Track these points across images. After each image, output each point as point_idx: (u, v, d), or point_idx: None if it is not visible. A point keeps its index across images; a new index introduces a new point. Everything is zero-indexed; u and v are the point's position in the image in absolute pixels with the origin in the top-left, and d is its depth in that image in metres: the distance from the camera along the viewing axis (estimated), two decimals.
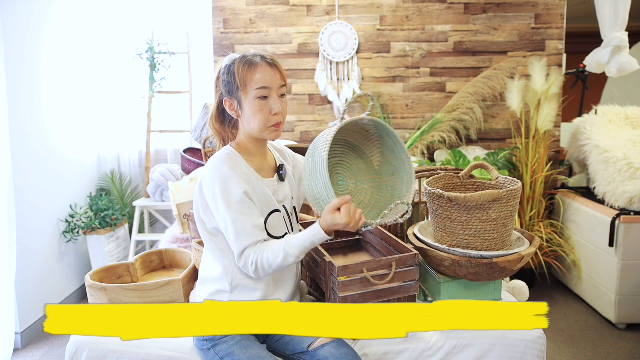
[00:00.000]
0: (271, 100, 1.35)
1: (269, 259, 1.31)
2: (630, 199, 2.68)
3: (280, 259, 1.31)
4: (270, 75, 1.34)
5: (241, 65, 1.34)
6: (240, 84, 1.34)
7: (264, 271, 1.32)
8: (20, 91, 2.59)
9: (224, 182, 1.31)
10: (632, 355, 2.44)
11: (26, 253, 2.58)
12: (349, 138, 1.54)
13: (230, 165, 1.34)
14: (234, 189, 1.31)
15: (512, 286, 1.92)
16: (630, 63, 2.86)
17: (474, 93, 3.32)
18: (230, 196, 1.30)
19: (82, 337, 1.50)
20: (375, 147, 1.54)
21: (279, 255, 1.31)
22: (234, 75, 1.34)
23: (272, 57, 1.38)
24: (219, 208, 1.31)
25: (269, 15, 3.39)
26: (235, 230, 1.30)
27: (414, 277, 1.48)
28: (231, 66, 1.36)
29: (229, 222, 1.30)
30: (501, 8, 3.38)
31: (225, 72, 1.37)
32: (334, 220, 1.27)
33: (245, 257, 1.32)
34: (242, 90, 1.34)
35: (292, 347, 1.41)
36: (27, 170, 2.64)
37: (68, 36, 3.08)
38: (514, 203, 1.47)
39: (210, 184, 1.33)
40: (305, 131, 3.49)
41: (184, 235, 2.42)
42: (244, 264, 1.33)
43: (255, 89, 1.33)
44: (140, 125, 3.52)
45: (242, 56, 1.37)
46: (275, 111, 1.35)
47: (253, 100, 1.34)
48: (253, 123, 1.36)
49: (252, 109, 1.34)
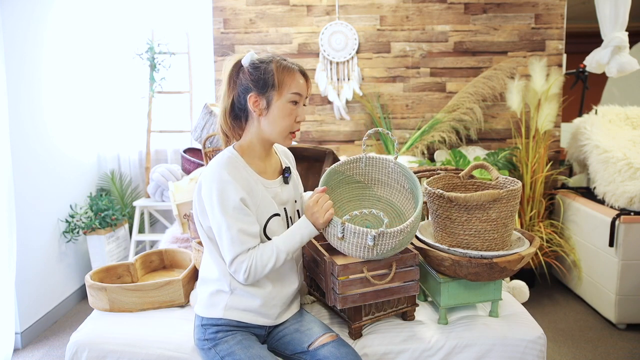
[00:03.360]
0: (299, 107, 1.38)
1: (263, 261, 1.31)
2: (630, 199, 2.68)
3: (273, 259, 1.32)
4: (304, 84, 1.38)
5: (280, 67, 1.35)
6: (278, 83, 1.34)
7: (256, 276, 1.32)
8: (20, 91, 2.59)
9: (222, 187, 1.30)
10: (632, 355, 2.44)
11: (26, 253, 2.58)
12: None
13: (229, 169, 1.33)
14: (231, 195, 1.30)
15: (512, 286, 1.93)
16: (630, 63, 2.86)
17: (474, 93, 3.32)
18: (227, 202, 1.30)
19: (82, 337, 1.50)
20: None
21: (271, 256, 1.32)
22: (271, 74, 1.34)
23: (304, 69, 1.41)
24: (214, 212, 1.31)
25: (269, 15, 3.39)
26: (230, 237, 1.30)
27: (414, 277, 1.48)
28: (266, 64, 1.35)
29: (223, 228, 1.30)
30: (501, 8, 3.38)
31: (254, 68, 1.35)
32: (308, 207, 1.35)
33: (238, 264, 1.31)
34: (276, 90, 1.34)
35: (292, 347, 1.41)
36: (27, 170, 2.64)
37: (68, 36, 3.08)
38: (514, 203, 1.47)
39: (209, 187, 1.32)
40: (305, 131, 3.49)
41: (184, 235, 2.42)
42: (235, 269, 1.32)
43: (291, 93, 1.35)
44: (140, 125, 3.52)
45: (278, 58, 1.37)
46: (300, 118, 1.38)
47: (286, 103, 1.35)
48: (276, 125, 1.36)
49: (282, 111, 1.35)
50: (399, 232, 1.33)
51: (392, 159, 1.55)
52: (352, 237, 1.33)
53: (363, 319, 1.50)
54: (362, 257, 1.36)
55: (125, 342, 1.48)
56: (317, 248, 1.54)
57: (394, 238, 1.33)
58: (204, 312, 1.40)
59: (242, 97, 1.37)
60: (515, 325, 1.53)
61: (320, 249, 1.53)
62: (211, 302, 1.40)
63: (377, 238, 1.31)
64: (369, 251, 1.34)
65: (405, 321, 1.56)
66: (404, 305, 1.56)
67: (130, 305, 1.64)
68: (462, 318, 1.56)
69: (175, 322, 1.58)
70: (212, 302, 1.40)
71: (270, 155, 1.47)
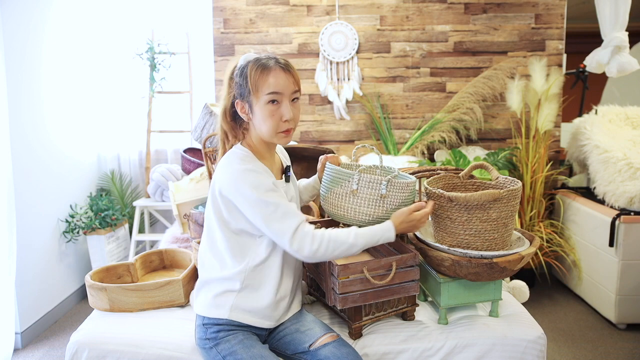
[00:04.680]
0: (282, 106, 1.34)
1: (338, 240, 1.30)
2: (630, 199, 2.68)
3: (348, 244, 1.31)
4: (283, 80, 1.33)
5: (254, 69, 1.32)
6: (252, 87, 1.32)
7: (327, 250, 1.30)
8: (20, 91, 2.59)
9: (251, 177, 1.30)
10: (632, 355, 2.44)
11: (26, 253, 2.58)
12: None
13: (250, 160, 1.35)
14: (263, 180, 1.30)
15: (512, 286, 1.93)
16: (630, 63, 2.86)
17: (474, 93, 3.32)
18: (262, 186, 1.29)
19: (82, 337, 1.51)
20: None
21: (347, 239, 1.31)
22: (247, 78, 1.33)
23: (286, 61, 1.36)
24: (251, 203, 1.28)
25: (269, 15, 3.39)
26: (283, 212, 1.28)
27: (414, 277, 1.48)
28: (244, 68, 1.35)
29: (271, 209, 1.28)
30: (501, 8, 3.38)
31: (238, 74, 1.36)
32: (409, 216, 1.39)
33: (302, 235, 1.28)
34: (253, 94, 1.33)
35: (293, 347, 1.41)
36: (27, 170, 2.64)
37: (68, 36, 3.08)
38: (514, 203, 1.47)
39: (235, 183, 1.30)
40: (305, 131, 3.49)
41: (184, 235, 2.42)
42: (299, 242, 1.28)
43: (266, 94, 1.32)
44: (140, 125, 3.52)
45: (255, 59, 1.35)
46: (285, 117, 1.34)
47: (264, 105, 1.33)
48: (263, 127, 1.35)
49: (262, 114, 1.33)
50: (407, 185, 1.44)
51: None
52: (366, 188, 1.42)
53: (363, 319, 1.50)
54: (371, 214, 1.43)
55: (125, 342, 1.48)
56: None
57: (403, 190, 1.44)
58: (208, 312, 1.39)
59: (233, 103, 1.40)
60: (515, 325, 1.53)
61: None
62: (216, 302, 1.39)
63: (389, 185, 1.40)
64: (380, 203, 1.41)
65: (405, 321, 1.56)
66: (404, 305, 1.56)
67: (130, 305, 1.64)
68: (462, 318, 1.56)
69: (175, 322, 1.58)
70: (217, 302, 1.39)
71: (273, 156, 1.49)
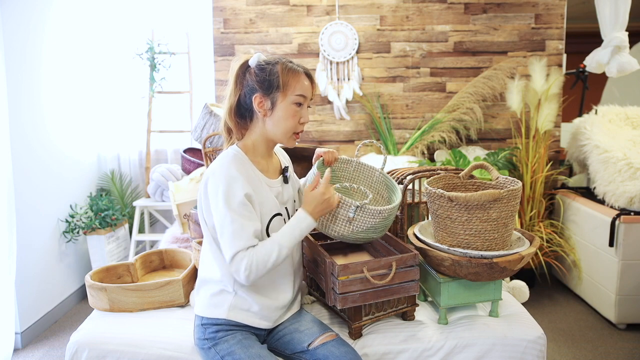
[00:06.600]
0: (303, 109, 1.41)
1: (264, 257, 1.30)
2: (630, 199, 2.68)
3: (275, 255, 1.31)
4: (308, 86, 1.40)
5: (286, 69, 1.37)
6: (283, 85, 1.35)
7: (258, 273, 1.30)
8: (20, 91, 2.59)
9: (229, 182, 1.31)
10: (632, 355, 2.44)
11: (26, 253, 2.58)
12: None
13: (237, 166, 1.34)
14: (237, 191, 1.31)
15: (512, 286, 1.93)
16: (630, 63, 2.86)
17: (474, 93, 3.32)
18: (233, 197, 1.30)
19: (82, 337, 1.50)
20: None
21: (272, 251, 1.31)
22: (277, 76, 1.35)
23: (310, 71, 1.43)
24: (218, 207, 1.31)
25: (269, 15, 3.39)
26: (232, 231, 1.29)
27: (414, 277, 1.48)
28: (272, 66, 1.37)
29: (227, 221, 1.29)
30: (501, 8, 3.38)
31: (260, 70, 1.37)
32: (313, 196, 1.37)
33: (238, 261, 1.29)
34: (281, 92, 1.36)
35: (292, 346, 1.41)
36: (27, 170, 2.64)
37: (68, 36, 3.08)
38: (514, 203, 1.47)
39: (215, 183, 1.32)
40: (305, 131, 3.49)
41: (184, 235, 2.42)
42: (235, 268, 1.30)
43: (295, 94, 1.37)
44: (140, 125, 3.52)
45: (284, 60, 1.39)
46: (303, 120, 1.41)
47: (290, 105, 1.37)
48: (280, 126, 1.38)
49: (286, 112, 1.37)
50: (378, 213, 1.44)
51: (378, 168, 1.70)
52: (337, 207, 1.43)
53: (363, 318, 1.50)
54: (337, 232, 1.45)
55: (125, 342, 1.48)
56: (317, 248, 1.55)
57: (372, 217, 1.43)
58: (206, 312, 1.40)
59: (248, 97, 1.39)
60: (515, 325, 1.53)
61: (320, 248, 1.53)
62: (214, 302, 1.40)
63: (358, 210, 1.41)
64: (347, 225, 1.43)
65: (405, 321, 1.56)
66: (404, 305, 1.56)
67: (130, 305, 1.64)
68: (462, 318, 1.56)
69: (175, 322, 1.58)
70: (215, 302, 1.39)
71: (271, 155, 1.49)
